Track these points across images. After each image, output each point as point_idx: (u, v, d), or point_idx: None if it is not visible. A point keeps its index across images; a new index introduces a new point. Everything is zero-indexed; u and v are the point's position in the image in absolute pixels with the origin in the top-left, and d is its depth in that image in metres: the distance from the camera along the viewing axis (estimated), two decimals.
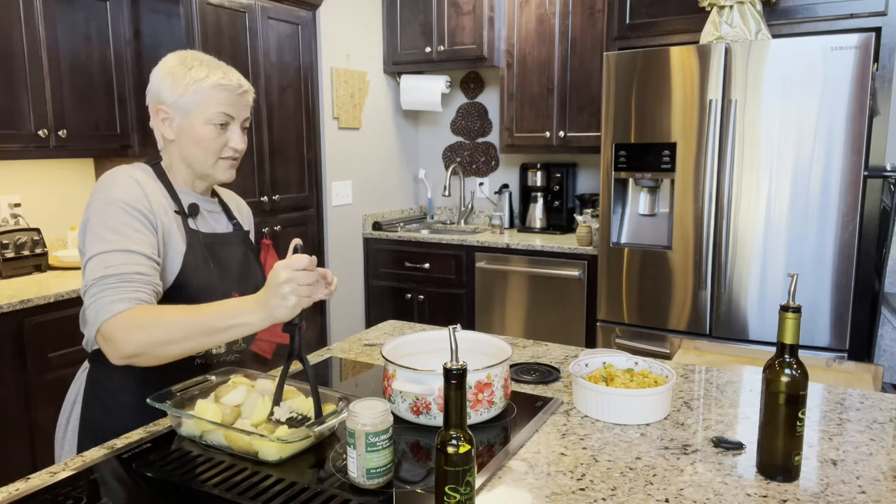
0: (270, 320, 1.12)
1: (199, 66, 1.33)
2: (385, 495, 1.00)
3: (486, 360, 1.32)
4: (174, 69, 1.33)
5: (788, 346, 1.03)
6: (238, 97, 1.35)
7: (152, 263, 1.25)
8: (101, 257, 1.21)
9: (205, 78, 1.32)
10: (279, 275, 1.09)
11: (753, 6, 2.74)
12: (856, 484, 1.03)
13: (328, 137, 3.71)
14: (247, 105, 1.39)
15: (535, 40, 3.72)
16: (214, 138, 1.34)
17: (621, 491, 1.02)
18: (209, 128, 1.33)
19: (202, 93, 1.31)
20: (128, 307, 1.16)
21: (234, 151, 1.38)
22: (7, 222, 2.81)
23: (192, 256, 1.34)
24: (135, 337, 1.14)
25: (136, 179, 1.30)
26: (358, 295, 4.07)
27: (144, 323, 1.15)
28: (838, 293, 2.62)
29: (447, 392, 0.84)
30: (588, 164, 4.02)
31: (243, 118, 1.39)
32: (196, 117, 1.33)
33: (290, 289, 1.08)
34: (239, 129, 1.38)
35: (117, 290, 1.18)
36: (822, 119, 2.57)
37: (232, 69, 1.38)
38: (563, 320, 3.50)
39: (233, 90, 1.34)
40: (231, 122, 1.36)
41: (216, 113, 1.33)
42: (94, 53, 2.77)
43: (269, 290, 1.11)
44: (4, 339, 2.28)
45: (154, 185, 1.34)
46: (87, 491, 1.02)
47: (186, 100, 1.31)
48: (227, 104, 1.34)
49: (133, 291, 1.19)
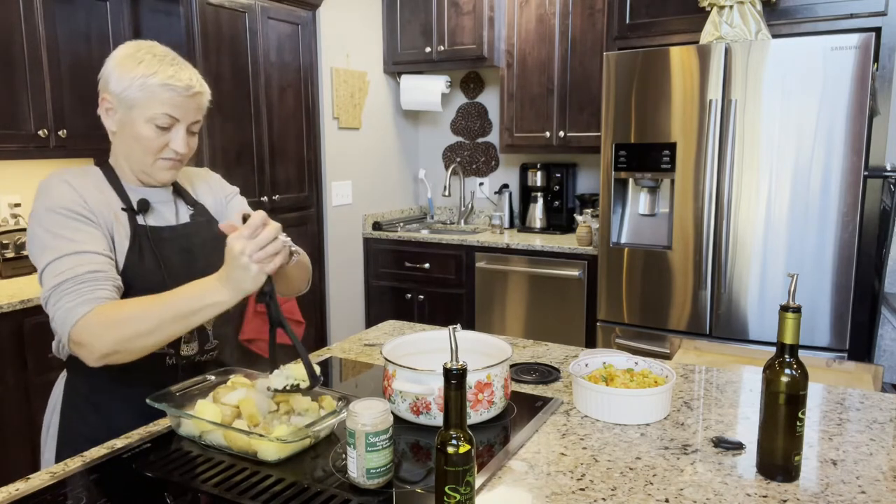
0: (239, 293, 1.10)
1: (149, 60, 1.26)
2: (385, 495, 1.00)
3: (486, 360, 1.32)
4: (124, 60, 1.26)
5: (788, 346, 1.03)
6: (186, 99, 1.28)
7: (105, 259, 1.22)
8: (52, 265, 1.18)
9: (153, 74, 1.24)
10: (233, 246, 1.07)
11: (753, 6, 2.74)
12: (856, 484, 1.03)
13: (328, 137, 3.71)
14: (197, 108, 1.31)
15: (535, 40, 3.72)
16: (155, 138, 1.28)
17: (621, 491, 1.02)
18: (150, 127, 1.27)
19: (147, 90, 1.24)
20: (90, 308, 1.14)
21: (174, 153, 1.31)
22: (7, 222, 2.81)
23: (136, 253, 1.29)
24: (107, 336, 1.12)
25: (68, 182, 1.26)
26: (358, 295, 4.07)
27: (113, 320, 1.13)
28: (838, 293, 2.62)
29: (447, 392, 0.84)
30: (588, 164, 4.02)
31: (191, 121, 1.31)
32: (138, 114, 1.26)
33: (246, 259, 1.06)
34: (184, 131, 1.30)
35: (75, 294, 1.15)
36: (821, 119, 2.57)
37: (187, 67, 1.31)
38: (563, 320, 3.50)
39: (181, 91, 1.26)
40: (175, 123, 1.29)
41: (160, 113, 1.26)
42: (94, 53, 2.77)
43: (227, 265, 1.09)
44: (4, 339, 2.28)
45: (91, 185, 1.29)
46: (87, 491, 1.02)
47: (130, 94, 1.25)
48: (173, 105, 1.26)
49: (91, 291, 1.16)
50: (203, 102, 1.33)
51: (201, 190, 1.50)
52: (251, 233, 1.07)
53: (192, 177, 1.51)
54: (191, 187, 1.48)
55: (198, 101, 1.31)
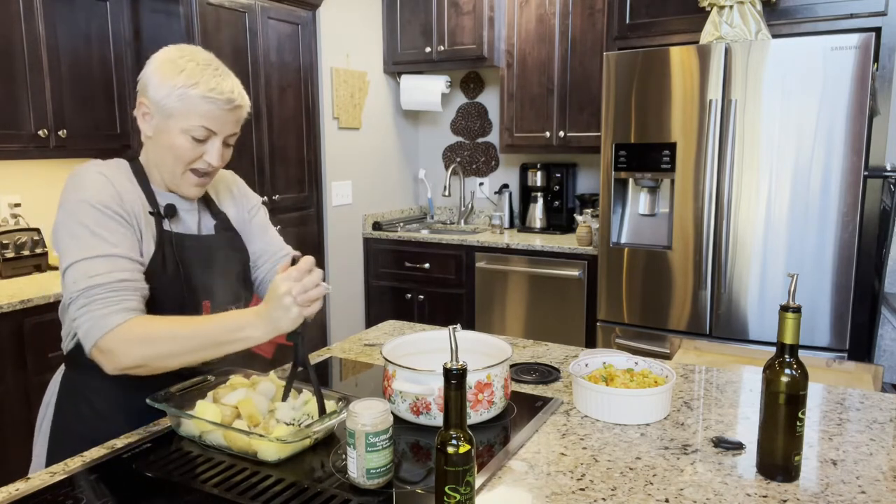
0: (274, 332, 1.12)
1: (191, 69, 1.22)
2: (385, 495, 1.00)
3: (486, 360, 1.32)
4: (165, 65, 1.23)
5: (788, 346, 1.03)
6: (226, 112, 1.25)
7: (136, 266, 1.21)
8: (83, 265, 1.16)
9: (194, 85, 1.21)
10: (279, 287, 1.09)
11: (753, 6, 2.74)
12: (856, 484, 1.03)
13: (328, 137, 3.71)
14: (236, 121, 1.29)
15: (535, 40, 3.72)
16: (190, 149, 1.25)
17: (621, 491, 1.02)
18: (186, 138, 1.24)
19: (187, 100, 1.21)
20: (124, 319, 1.13)
21: (207, 166, 1.28)
22: (7, 222, 2.81)
23: (160, 258, 1.27)
24: (137, 351, 1.13)
25: (105, 175, 1.24)
26: (358, 295, 4.07)
27: (146, 337, 1.14)
28: (838, 293, 2.61)
29: (447, 392, 0.84)
30: (588, 164, 4.02)
31: (228, 133, 1.29)
32: (175, 123, 1.23)
33: (290, 300, 1.09)
34: (220, 144, 1.28)
35: (107, 302, 1.14)
36: (821, 119, 2.57)
37: (229, 78, 1.27)
38: (563, 320, 3.50)
39: (221, 104, 1.23)
40: (212, 136, 1.26)
41: (197, 125, 1.23)
42: (94, 53, 2.77)
43: (270, 303, 1.11)
44: (4, 339, 2.28)
45: (126, 181, 1.27)
46: (88, 491, 1.02)
47: (169, 103, 1.22)
48: (212, 118, 1.23)
49: (123, 301, 1.15)
50: (242, 115, 1.30)
51: (225, 198, 1.47)
52: (300, 275, 1.10)
53: (217, 182, 1.48)
54: (215, 194, 1.46)
55: (237, 115, 1.29)
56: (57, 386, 1.36)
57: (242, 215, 1.48)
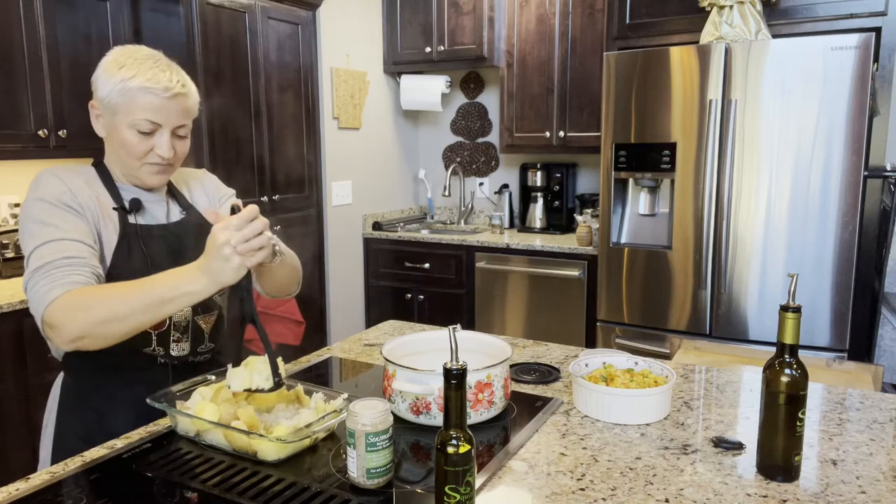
0: (216, 285, 1.08)
1: (130, 64, 1.23)
2: (385, 495, 1.00)
3: (486, 360, 1.32)
4: (108, 65, 1.25)
5: (788, 346, 1.03)
6: (167, 101, 1.24)
7: (86, 247, 1.21)
8: (36, 251, 1.18)
9: (131, 78, 1.22)
10: (217, 237, 1.05)
11: (753, 6, 2.74)
12: (856, 484, 1.03)
13: (328, 137, 3.71)
14: (182, 111, 1.28)
15: (535, 40, 3.72)
16: (138, 143, 1.26)
17: (621, 491, 1.02)
18: (132, 132, 1.25)
19: (127, 94, 1.22)
20: (64, 291, 1.13)
21: (160, 159, 1.28)
22: (7, 222, 2.81)
23: (125, 250, 1.28)
24: (77, 318, 1.10)
25: (58, 175, 1.27)
26: (358, 295, 4.07)
27: (85, 303, 1.11)
28: (838, 293, 2.61)
29: (447, 392, 0.84)
30: (588, 164, 4.02)
31: (175, 125, 1.28)
32: (121, 119, 1.24)
33: (230, 250, 1.05)
34: (168, 136, 1.27)
35: (51, 277, 1.14)
36: (821, 119, 2.57)
37: (169, 68, 1.27)
38: (563, 320, 3.50)
39: (159, 93, 1.23)
40: (158, 128, 1.26)
41: (141, 119, 1.24)
42: (94, 54, 2.77)
43: (208, 255, 1.07)
44: (4, 339, 2.28)
45: (82, 182, 1.29)
46: (88, 491, 1.02)
47: (113, 99, 1.23)
48: (153, 109, 1.24)
49: (68, 276, 1.15)
50: (188, 105, 1.30)
51: (196, 192, 1.48)
52: (239, 224, 1.06)
53: (189, 178, 1.50)
54: (186, 189, 1.47)
55: (181, 104, 1.28)
56: (58, 391, 1.37)
57: (214, 203, 1.49)
